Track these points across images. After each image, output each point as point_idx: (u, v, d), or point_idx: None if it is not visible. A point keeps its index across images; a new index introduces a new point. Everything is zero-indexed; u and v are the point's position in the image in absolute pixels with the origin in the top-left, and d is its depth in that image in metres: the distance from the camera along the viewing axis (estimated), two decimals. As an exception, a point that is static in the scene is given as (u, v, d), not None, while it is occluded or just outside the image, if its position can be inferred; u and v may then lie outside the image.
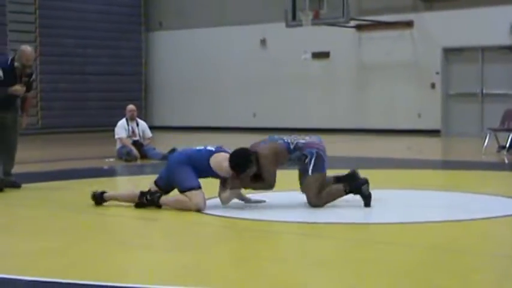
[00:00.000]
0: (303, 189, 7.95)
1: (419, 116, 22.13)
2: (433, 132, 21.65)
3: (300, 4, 21.83)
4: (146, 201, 8.00)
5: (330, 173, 8.25)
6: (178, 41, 26.58)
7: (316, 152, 7.88)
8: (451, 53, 21.84)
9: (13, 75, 9.81)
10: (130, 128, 14.88)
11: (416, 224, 7.21)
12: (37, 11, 24.56)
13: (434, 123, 21.90)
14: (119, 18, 26.62)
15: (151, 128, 16.07)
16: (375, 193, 8.66)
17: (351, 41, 23.18)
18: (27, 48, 9.95)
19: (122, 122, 14.95)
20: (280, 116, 24.43)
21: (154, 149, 14.83)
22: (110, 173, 12.89)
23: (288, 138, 8.00)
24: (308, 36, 22.87)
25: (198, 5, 26.15)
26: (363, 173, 8.26)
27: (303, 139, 8.00)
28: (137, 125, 15.04)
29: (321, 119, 23.66)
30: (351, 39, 23.13)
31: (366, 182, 7.98)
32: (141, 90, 27.13)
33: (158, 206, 7.97)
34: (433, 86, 21.97)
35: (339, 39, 23.14)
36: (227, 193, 7.93)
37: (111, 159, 14.47)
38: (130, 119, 14.99)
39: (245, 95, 25.26)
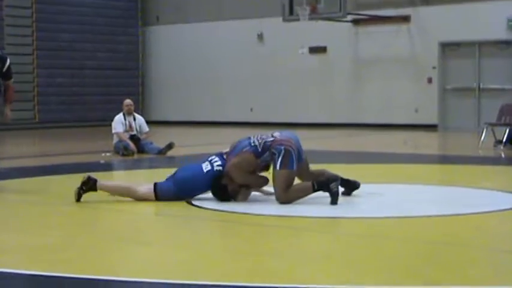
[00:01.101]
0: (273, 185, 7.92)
1: (416, 110, 22.15)
2: (430, 127, 21.67)
3: (297, -2, 21.83)
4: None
5: (328, 167, 8.25)
6: (175, 36, 26.56)
7: (284, 149, 7.71)
8: (448, 48, 21.86)
9: None
10: (127, 122, 14.88)
11: (412, 218, 7.22)
12: (34, 5, 24.52)
13: (431, 118, 21.92)
14: (116, 13, 26.59)
15: (148, 122, 16.07)
16: (370, 188, 8.68)
17: (347, 36, 23.19)
18: None
19: (119, 117, 14.95)
20: (277, 110, 24.44)
21: (151, 143, 14.83)
22: (107, 167, 12.89)
23: (255, 139, 7.89)
24: (305, 31, 22.88)
25: (195, -1, 26.13)
26: (360, 168, 8.27)
27: (271, 136, 7.87)
28: (134, 119, 15.04)
29: (317, 114, 23.68)
30: (347, 33, 23.14)
31: (335, 179, 7.78)
32: (138, 85, 27.12)
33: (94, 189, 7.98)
34: (430, 80, 21.99)
35: (336, 33, 23.14)
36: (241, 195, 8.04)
37: (108, 154, 14.47)
38: (128, 113, 14.99)
39: (242, 89, 25.26)
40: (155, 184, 8.04)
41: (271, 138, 7.82)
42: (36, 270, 5.17)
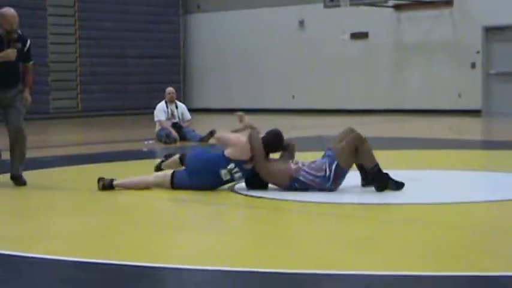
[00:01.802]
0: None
1: (459, 96, 21.93)
2: (474, 112, 21.44)
3: (338, -16, 21.72)
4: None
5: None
6: (216, 23, 26.57)
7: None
8: (491, 32, 21.58)
9: (2, 44, 8.54)
10: (169, 110, 14.94)
11: (456, 204, 7.15)
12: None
13: (474, 103, 21.68)
14: (157, 1, 26.67)
15: (190, 110, 16.10)
16: (414, 174, 8.61)
17: (389, 21, 23.00)
18: (9, 11, 8.57)
19: (161, 105, 15.01)
20: (319, 97, 24.36)
21: (193, 131, 14.88)
22: (150, 155, 12.96)
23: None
24: (346, 17, 22.74)
25: (236, -14, 26.10)
26: (403, 154, 8.21)
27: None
28: (176, 107, 15.09)
29: (360, 100, 23.55)
30: (389, 19, 22.95)
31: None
32: (179, 73, 27.19)
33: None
34: (473, 65, 21.74)
35: (377, 19, 22.97)
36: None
37: (151, 142, 14.54)
38: (170, 101, 15.05)
39: (283, 76, 25.20)
40: (173, 172, 8.12)
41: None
42: (80, 257, 5.21)
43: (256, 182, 7.97)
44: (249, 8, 25.77)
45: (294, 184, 7.75)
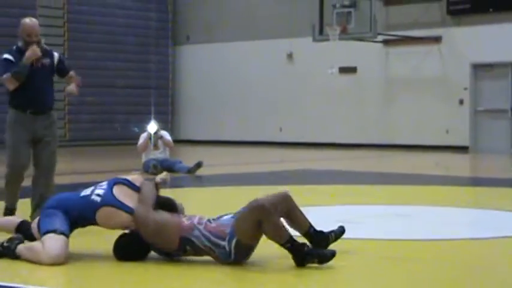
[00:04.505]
0: None
1: (447, 132, 21.99)
2: (461, 149, 21.49)
3: (328, 19, 21.83)
4: (2, 248, 6.06)
5: (358, 188, 8.15)
6: (205, 55, 26.64)
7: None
8: (479, 69, 21.70)
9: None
10: (152, 141, 14.81)
11: (441, 241, 7.12)
12: (66, 24, 24.74)
13: (462, 140, 21.74)
14: (147, 32, 26.75)
15: (178, 141, 16.07)
16: (400, 210, 8.58)
17: (378, 56, 23.11)
18: (28, 20, 7.69)
19: (144, 134, 14.94)
20: (306, 130, 24.38)
21: (180, 162, 14.83)
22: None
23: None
24: (335, 51, 22.82)
25: (225, 19, 26.20)
26: (391, 189, 8.18)
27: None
28: (160, 137, 14.92)
29: (347, 134, 23.58)
30: (378, 54, 23.06)
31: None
32: (168, 104, 27.20)
33: (15, 257, 5.98)
34: (461, 102, 21.82)
35: (366, 54, 23.08)
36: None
37: (137, 172, 14.44)
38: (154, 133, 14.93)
39: (271, 109, 25.23)
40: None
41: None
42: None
43: (131, 245, 6.05)
44: (238, 40, 25.86)
45: (185, 247, 5.92)
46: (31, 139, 7.55)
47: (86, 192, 6.28)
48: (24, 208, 7.80)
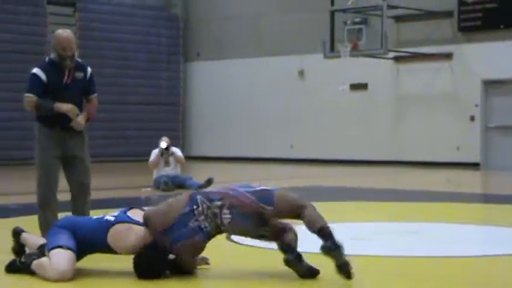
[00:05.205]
0: None
1: (458, 148, 21.94)
2: (473, 165, 21.43)
3: (338, 35, 21.87)
4: (20, 263, 6.09)
5: (368, 205, 8.14)
6: (216, 72, 26.70)
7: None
8: (490, 86, 21.67)
9: (59, 73, 7.16)
10: (164, 158, 14.87)
11: (453, 259, 7.09)
12: (77, 41, 24.81)
13: (473, 156, 21.68)
14: (158, 49, 26.86)
15: (189, 158, 16.10)
16: (411, 226, 8.56)
17: (389, 73, 23.12)
18: (63, 33, 7.17)
19: (156, 150, 14.99)
20: (317, 147, 24.37)
21: (191, 178, 14.84)
22: (147, 202, 12.90)
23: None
24: (346, 68, 22.84)
25: (236, 35, 26.28)
26: (402, 206, 8.16)
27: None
28: (171, 154, 14.97)
29: (359, 151, 23.55)
30: (389, 70, 23.07)
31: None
32: (178, 121, 27.25)
33: (31, 272, 5.97)
34: (472, 118, 21.78)
35: (377, 70, 23.09)
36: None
37: (148, 189, 14.50)
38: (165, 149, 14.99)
39: (282, 126, 25.24)
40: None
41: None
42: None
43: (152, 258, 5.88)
44: (249, 57, 25.91)
45: (193, 206, 5.92)
46: (61, 156, 7.21)
47: (99, 216, 6.23)
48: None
